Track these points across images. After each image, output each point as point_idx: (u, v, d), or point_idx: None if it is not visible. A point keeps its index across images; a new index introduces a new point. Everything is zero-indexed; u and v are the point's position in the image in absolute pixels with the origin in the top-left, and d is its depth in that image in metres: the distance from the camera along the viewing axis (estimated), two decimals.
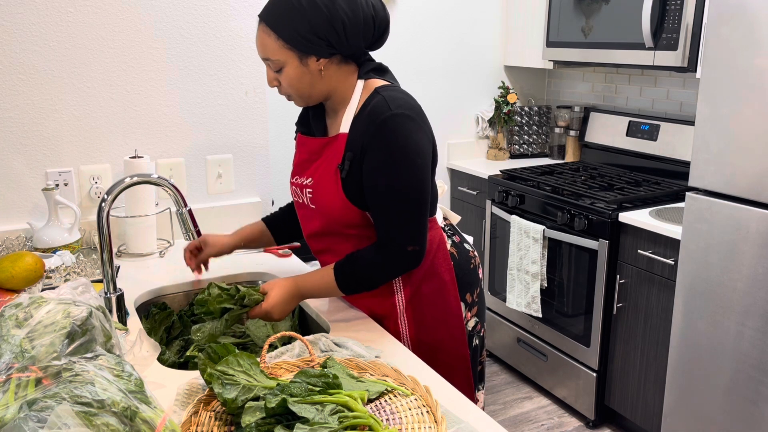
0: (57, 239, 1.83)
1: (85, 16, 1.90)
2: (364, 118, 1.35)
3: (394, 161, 1.33)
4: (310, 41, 1.30)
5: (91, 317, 0.96)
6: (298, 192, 1.49)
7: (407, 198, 1.35)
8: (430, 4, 3.28)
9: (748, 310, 1.94)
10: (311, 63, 1.33)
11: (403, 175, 1.33)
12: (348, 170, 1.36)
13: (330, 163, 1.40)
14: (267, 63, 1.36)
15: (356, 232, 1.43)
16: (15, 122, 1.87)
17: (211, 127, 2.15)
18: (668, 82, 3.01)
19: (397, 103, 1.33)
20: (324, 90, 1.39)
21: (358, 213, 1.40)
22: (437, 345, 1.51)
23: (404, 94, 1.38)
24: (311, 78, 1.35)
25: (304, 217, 1.51)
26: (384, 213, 1.37)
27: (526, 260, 2.88)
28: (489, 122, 3.56)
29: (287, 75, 1.34)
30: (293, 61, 1.32)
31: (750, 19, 1.86)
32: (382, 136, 1.32)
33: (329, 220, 1.43)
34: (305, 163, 1.47)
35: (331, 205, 1.40)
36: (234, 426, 1.03)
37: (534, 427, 2.80)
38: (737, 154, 1.93)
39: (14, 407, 0.78)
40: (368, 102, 1.36)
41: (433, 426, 1.03)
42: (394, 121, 1.32)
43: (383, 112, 1.32)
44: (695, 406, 2.15)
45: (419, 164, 1.34)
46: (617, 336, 2.62)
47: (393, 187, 1.34)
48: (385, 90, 1.37)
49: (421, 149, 1.35)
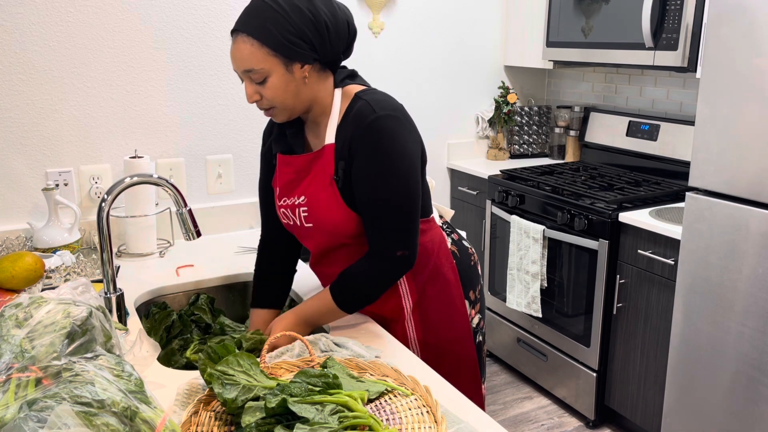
0: (57, 239, 1.83)
1: (85, 16, 1.90)
2: (349, 123, 1.33)
3: (381, 165, 1.31)
4: (296, 46, 1.27)
5: (91, 317, 0.96)
6: (288, 214, 1.45)
7: (396, 202, 1.33)
8: (430, 4, 3.28)
9: (748, 310, 1.94)
10: (296, 70, 1.30)
11: (391, 178, 1.32)
12: (342, 179, 1.35)
13: (322, 176, 1.37)
14: (247, 76, 1.30)
15: (363, 240, 1.40)
16: (15, 122, 1.87)
17: (211, 127, 2.14)
18: (668, 82, 3.01)
19: (380, 105, 1.32)
20: (307, 99, 1.35)
21: (360, 221, 1.38)
22: (444, 345, 1.50)
23: (385, 95, 1.37)
24: (296, 86, 1.31)
25: (301, 236, 1.48)
26: (373, 218, 1.35)
27: (526, 260, 2.88)
28: (489, 122, 3.56)
29: (272, 85, 1.30)
30: (279, 69, 1.28)
31: (750, 19, 1.86)
32: (369, 140, 1.31)
33: (331, 235, 1.40)
34: (293, 183, 1.43)
35: (332, 218, 1.38)
36: (234, 426, 1.03)
37: (534, 427, 2.80)
38: (737, 154, 1.93)
39: (14, 407, 0.78)
40: (350, 108, 1.35)
41: (433, 426, 1.03)
42: (379, 123, 1.30)
43: (368, 115, 1.31)
44: (695, 406, 2.15)
45: (407, 166, 1.33)
46: (617, 336, 2.62)
47: (381, 191, 1.32)
48: (365, 94, 1.36)
49: (409, 150, 1.33)
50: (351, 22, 1.35)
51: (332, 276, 1.50)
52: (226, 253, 1.99)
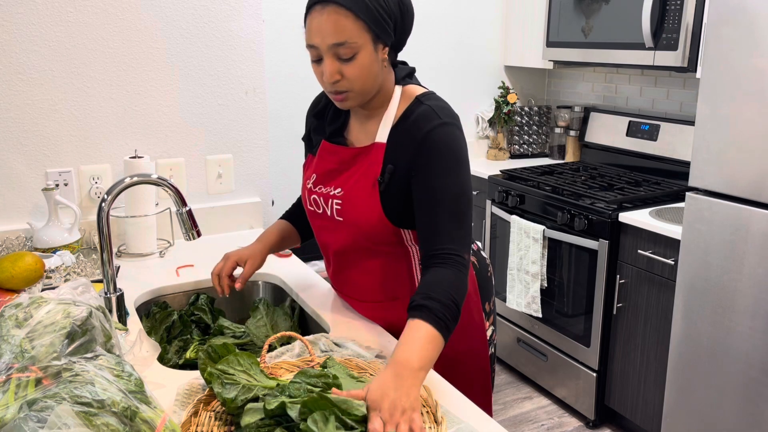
0: (57, 239, 1.83)
1: (85, 16, 1.90)
2: (409, 127, 1.28)
3: (449, 169, 1.26)
4: (386, 22, 1.20)
5: (91, 317, 0.96)
6: (319, 201, 1.39)
7: (462, 206, 1.27)
8: (430, 4, 3.28)
9: (748, 309, 1.94)
10: (380, 51, 1.23)
11: (458, 182, 1.26)
12: (387, 183, 1.29)
13: (365, 174, 1.31)
14: (334, 51, 1.20)
15: (387, 249, 1.36)
16: (15, 122, 1.87)
17: (211, 127, 2.14)
18: (668, 82, 3.01)
19: (445, 113, 1.28)
20: (379, 85, 1.28)
21: (392, 229, 1.33)
22: (458, 357, 1.45)
23: (446, 102, 1.33)
24: (378, 68, 1.24)
25: (325, 228, 1.41)
26: (441, 222, 1.25)
27: (526, 260, 2.88)
28: (489, 122, 3.56)
29: (359, 63, 1.20)
30: (368, 46, 1.20)
31: (750, 20, 1.86)
32: (436, 146, 1.25)
33: (359, 235, 1.35)
34: (333, 173, 1.37)
35: (365, 219, 1.32)
36: (234, 426, 1.03)
37: (534, 427, 2.80)
38: (737, 154, 1.93)
39: (14, 407, 0.78)
40: (410, 111, 1.29)
41: (433, 426, 1.03)
42: (445, 130, 1.26)
43: (432, 120, 1.26)
44: (695, 406, 2.15)
45: (467, 172, 1.29)
46: (617, 336, 2.62)
47: (451, 194, 1.26)
48: (427, 99, 1.31)
49: (467, 158, 1.30)
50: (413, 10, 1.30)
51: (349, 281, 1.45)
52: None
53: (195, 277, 1.78)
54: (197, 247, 2.03)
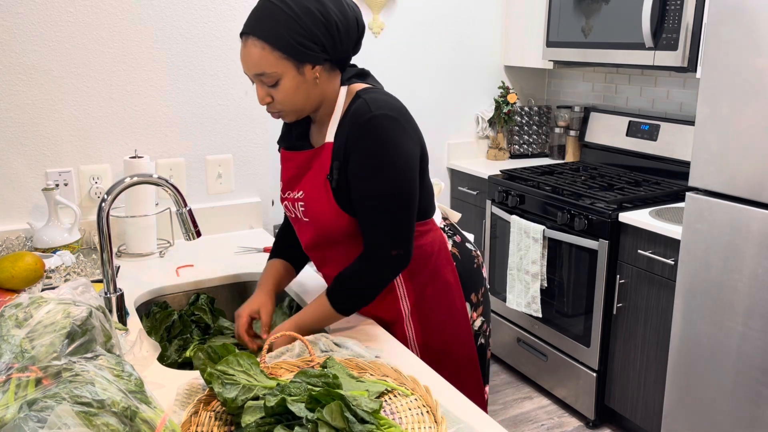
0: (57, 239, 1.83)
1: (85, 16, 1.90)
2: (347, 123, 1.34)
3: (374, 164, 1.31)
4: (307, 48, 1.27)
5: (91, 317, 0.96)
6: (290, 207, 1.47)
7: (389, 201, 1.33)
8: (430, 4, 3.28)
9: (749, 310, 1.94)
10: (307, 72, 1.30)
11: (384, 178, 1.32)
12: (337, 179, 1.35)
13: (318, 174, 1.39)
14: (259, 79, 1.30)
15: (351, 240, 1.41)
16: (15, 122, 1.87)
17: (211, 127, 2.15)
18: (668, 82, 3.01)
19: (377, 105, 1.32)
20: (316, 100, 1.36)
21: (351, 221, 1.38)
22: (444, 347, 1.50)
23: (386, 95, 1.36)
24: (307, 88, 1.32)
25: (299, 230, 1.50)
26: (367, 218, 1.35)
27: (526, 260, 2.88)
28: (489, 122, 3.56)
29: (284, 88, 1.30)
30: (290, 72, 1.28)
31: (750, 19, 1.86)
32: (363, 139, 1.31)
33: (322, 231, 1.42)
34: (295, 178, 1.45)
35: (323, 215, 1.39)
36: (234, 426, 1.03)
37: (534, 427, 2.80)
38: (737, 154, 1.93)
39: (14, 407, 0.78)
40: (350, 107, 1.35)
41: (433, 426, 1.03)
42: (374, 122, 1.30)
43: (364, 114, 1.31)
44: (695, 406, 2.15)
45: (401, 166, 1.32)
46: (617, 336, 2.62)
47: (374, 190, 1.32)
48: (365, 93, 1.35)
49: (405, 150, 1.33)
50: (360, 20, 1.34)
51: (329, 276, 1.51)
52: (226, 253, 1.99)
53: (195, 277, 1.78)
54: (197, 247, 2.04)
